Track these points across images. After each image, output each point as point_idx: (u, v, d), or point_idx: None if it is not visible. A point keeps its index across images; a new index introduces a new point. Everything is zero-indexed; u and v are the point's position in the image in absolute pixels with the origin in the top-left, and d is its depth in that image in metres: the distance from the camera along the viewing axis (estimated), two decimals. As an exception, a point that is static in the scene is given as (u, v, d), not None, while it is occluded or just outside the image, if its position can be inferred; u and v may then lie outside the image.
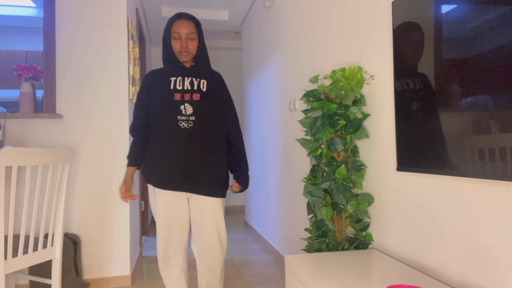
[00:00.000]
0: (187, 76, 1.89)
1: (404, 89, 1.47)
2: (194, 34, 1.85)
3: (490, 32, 1.09)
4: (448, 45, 1.24)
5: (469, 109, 1.16)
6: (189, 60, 1.88)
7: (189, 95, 1.85)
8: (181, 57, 1.86)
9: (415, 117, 1.41)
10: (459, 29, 1.20)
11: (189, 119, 1.84)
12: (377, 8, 1.76)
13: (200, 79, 1.90)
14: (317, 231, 1.83)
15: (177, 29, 1.83)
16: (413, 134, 1.42)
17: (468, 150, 1.17)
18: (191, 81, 1.88)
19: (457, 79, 1.21)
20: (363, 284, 1.28)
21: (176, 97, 1.84)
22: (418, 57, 1.39)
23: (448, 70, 1.24)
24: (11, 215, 1.69)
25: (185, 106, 1.84)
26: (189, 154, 1.83)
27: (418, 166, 1.40)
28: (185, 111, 1.84)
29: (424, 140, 1.36)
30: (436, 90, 1.30)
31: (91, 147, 2.71)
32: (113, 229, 2.74)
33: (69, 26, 2.71)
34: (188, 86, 1.87)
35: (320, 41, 2.43)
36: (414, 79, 1.42)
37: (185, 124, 1.83)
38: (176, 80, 1.87)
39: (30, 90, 2.60)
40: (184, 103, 1.84)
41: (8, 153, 1.63)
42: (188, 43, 1.84)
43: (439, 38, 1.28)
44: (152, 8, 4.27)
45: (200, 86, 1.88)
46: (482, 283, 1.21)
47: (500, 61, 1.06)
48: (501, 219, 1.14)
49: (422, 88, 1.37)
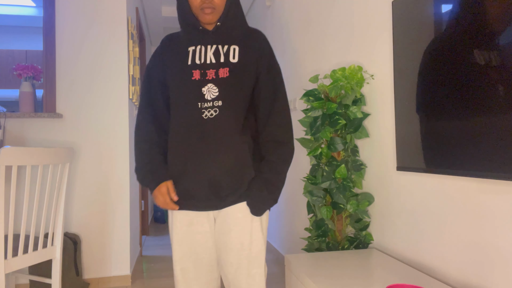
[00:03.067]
0: (210, 44, 1.32)
1: (404, 88, 1.47)
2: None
3: (490, 31, 1.09)
4: (448, 45, 1.24)
5: (469, 108, 1.16)
6: (215, 20, 1.30)
7: (213, 72, 1.29)
8: (203, 16, 1.28)
9: (415, 116, 1.41)
10: (459, 28, 1.20)
11: (214, 105, 1.27)
12: (377, 8, 1.76)
13: (230, 45, 1.32)
14: (317, 231, 1.83)
15: None
16: (413, 134, 1.42)
17: (468, 150, 1.17)
18: (216, 50, 1.31)
19: (457, 79, 1.21)
20: (363, 284, 1.28)
21: (195, 75, 1.30)
22: (418, 56, 1.39)
23: (448, 69, 1.24)
24: (11, 215, 1.69)
25: (209, 88, 1.28)
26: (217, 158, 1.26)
27: (418, 165, 1.40)
28: (209, 94, 1.28)
29: (424, 140, 1.36)
30: (436, 89, 1.29)
31: (91, 147, 2.71)
32: (113, 229, 2.74)
33: (69, 25, 2.71)
34: (212, 59, 1.30)
35: (320, 41, 2.43)
36: (414, 79, 1.42)
37: (208, 113, 1.27)
38: (196, 51, 1.32)
39: (30, 90, 2.60)
40: (207, 83, 1.28)
41: (8, 153, 1.63)
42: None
43: (439, 37, 1.28)
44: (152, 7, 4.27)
45: (230, 55, 1.31)
46: (482, 283, 1.21)
47: (501, 60, 1.06)
48: (502, 219, 1.14)
49: (422, 88, 1.37)
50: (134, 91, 3.01)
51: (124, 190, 2.75)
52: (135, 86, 3.06)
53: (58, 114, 2.57)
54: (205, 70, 1.30)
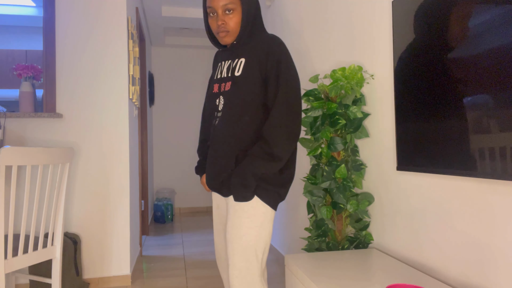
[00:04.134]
0: (226, 59, 1.48)
1: (404, 88, 1.47)
2: (233, 4, 1.36)
3: (490, 31, 1.09)
4: (448, 44, 1.24)
5: (470, 108, 1.16)
6: (231, 41, 1.43)
7: (223, 85, 1.45)
8: (221, 39, 1.41)
9: (415, 116, 1.41)
10: (459, 28, 1.20)
11: (217, 115, 1.45)
12: (377, 8, 1.76)
13: (239, 59, 1.43)
14: (317, 231, 1.83)
15: (209, 3, 1.38)
16: (413, 134, 1.42)
17: (468, 150, 1.17)
18: (229, 65, 1.46)
19: (457, 79, 1.21)
20: (363, 284, 1.28)
21: (215, 88, 1.49)
22: (418, 56, 1.39)
23: (448, 70, 1.24)
24: (11, 215, 1.69)
25: (220, 100, 1.45)
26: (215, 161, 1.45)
27: (418, 165, 1.40)
28: (220, 105, 1.45)
29: (424, 140, 1.36)
30: (437, 89, 1.29)
31: (91, 147, 2.71)
32: (113, 228, 2.74)
33: (69, 25, 2.71)
34: (225, 73, 1.46)
35: (320, 41, 2.43)
36: (414, 79, 1.42)
37: (216, 121, 1.46)
38: (218, 66, 1.52)
39: (30, 90, 2.60)
40: (220, 95, 1.45)
41: (8, 153, 1.63)
42: (226, 18, 1.37)
43: (439, 37, 1.28)
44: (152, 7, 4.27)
45: (236, 69, 1.42)
46: (482, 283, 1.21)
47: (500, 60, 1.06)
48: (502, 219, 1.14)
49: (422, 88, 1.37)
50: (134, 91, 3.01)
51: (124, 190, 2.75)
52: (135, 86, 3.06)
53: (58, 114, 2.57)
54: (221, 83, 1.46)
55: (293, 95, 1.34)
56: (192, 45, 5.78)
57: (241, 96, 1.36)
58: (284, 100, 1.33)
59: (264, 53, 1.36)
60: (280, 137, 1.31)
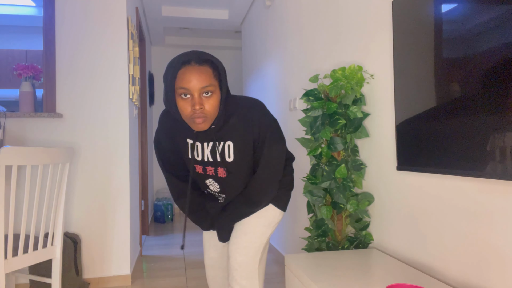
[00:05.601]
0: (207, 141, 1.32)
1: (404, 88, 1.47)
2: (212, 86, 1.17)
3: (490, 31, 1.09)
4: (448, 45, 1.24)
5: (469, 108, 1.16)
6: (207, 128, 1.23)
7: (212, 169, 1.36)
8: (195, 126, 1.21)
9: (415, 116, 1.41)
10: (459, 28, 1.20)
11: (219, 196, 1.45)
12: (377, 8, 1.76)
13: (225, 142, 1.30)
14: (317, 230, 1.83)
15: (183, 83, 1.16)
16: (413, 134, 1.42)
17: (468, 150, 1.17)
18: (212, 148, 1.32)
19: (457, 78, 1.21)
20: (363, 283, 1.28)
21: (198, 169, 1.39)
22: (418, 56, 1.39)
23: (448, 69, 1.24)
24: (11, 215, 1.69)
25: (210, 182, 1.41)
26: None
27: (418, 165, 1.40)
28: (212, 187, 1.42)
29: (424, 140, 1.36)
30: (436, 89, 1.30)
31: (91, 146, 2.71)
32: (113, 228, 2.74)
33: (69, 25, 2.70)
34: (209, 157, 1.34)
35: (320, 40, 2.43)
36: (414, 78, 1.42)
37: (220, 198, 1.47)
38: (193, 146, 1.34)
39: (30, 90, 2.60)
40: (208, 177, 1.40)
41: (8, 153, 1.63)
42: (203, 102, 1.17)
43: (439, 37, 1.28)
44: (152, 7, 4.27)
45: (225, 154, 1.32)
46: (482, 283, 1.21)
47: (500, 60, 1.06)
48: (501, 219, 1.14)
49: (422, 87, 1.37)
50: (134, 91, 3.01)
51: (124, 190, 2.75)
52: (135, 86, 3.06)
53: (58, 114, 2.57)
54: (205, 166, 1.37)
55: (276, 157, 1.34)
56: (192, 45, 5.78)
57: (241, 177, 1.37)
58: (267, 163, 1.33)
59: (250, 129, 1.29)
60: (264, 196, 1.38)
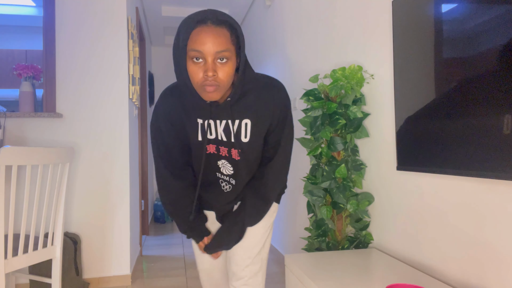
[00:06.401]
0: (220, 119, 1.19)
1: (404, 88, 1.47)
2: (228, 52, 1.04)
3: (490, 31, 1.09)
4: (448, 45, 1.24)
5: (469, 108, 1.16)
6: (219, 98, 1.09)
7: (225, 150, 1.24)
8: (205, 94, 1.07)
9: (415, 116, 1.41)
10: (459, 28, 1.20)
11: (230, 182, 1.31)
12: (377, 8, 1.76)
13: (241, 120, 1.19)
14: (317, 230, 1.83)
15: (197, 45, 1.03)
16: (413, 133, 1.42)
17: (468, 149, 1.17)
18: (226, 126, 1.20)
19: (457, 78, 1.21)
20: (363, 283, 1.28)
21: (210, 149, 1.25)
22: (418, 56, 1.39)
23: (448, 69, 1.24)
24: (11, 215, 1.69)
25: (223, 163, 1.27)
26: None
27: (418, 165, 1.40)
28: (224, 169, 1.28)
29: (424, 139, 1.36)
30: (436, 89, 1.29)
31: (91, 146, 2.71)
32: (113, 228, 2.74)
33: (69, 25, 2.70)
34: (223, 136, 1.22)
35: (320, 40, 2.43)
36: (414, 78, 1.42)
37: (227, 185, 1.32)
38: (205, 125, 1.20)
39: (30, 90, 2.60)
40: (221, 158, 1.26)
41: (8, 153, 1.63)
42: (217, 68, 1.04)
43: (439, 37, 1.28)
44: (152, 7, 4.27)
45: (241, 134, 1.20)
46: (482, 283, 1.21)
47: (501, 60, 1.06)
48: (502, 218, 1.14)
49: (422, 87, 1.37)
50: (134, 91, 3.01)
51: (124, 190, 2.75)
52: (135, 86, 3.06)
53: (58, 114, 2.57)
54: (219, 145, 1.24)
55: (290, 143, 1.28)
56: (192, 45, 5.77)
57: (253, 162, 1.27)
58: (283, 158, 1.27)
59: (271, 109, 1.19)
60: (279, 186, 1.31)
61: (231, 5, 4.36)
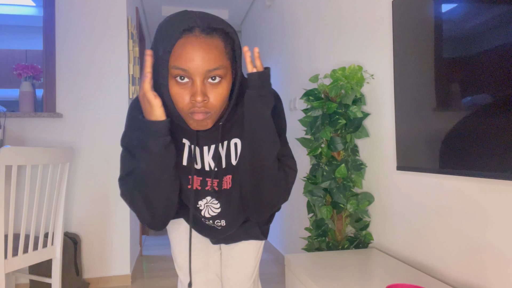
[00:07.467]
0: (208, 145, 0.99)
1: (404, 88, 1.47)
2: (222, 69, 0.82)
3: (490, 31, 1.08)
4: (448, 45, 1.24)
5: (469, 108, 1.16)
6: (210, 127, 0.88)
7: (216, 182, 1.02)
8: (192, 122, 0.86)
9: (415, 116, 1.41)
10: (459, 28, 1.20)
11: (216, 224, 1.10)
12: (377, 8, 1.76)
13: (230, 140, 0.99)
14: (317, 230, 1.83)
15: (181, 62, 0.80)
16: (413, 133, 1.42)
17: (468, 149, 1.17)
18: (215, 151, 0.99)
19: (457, 78, 1.21)
20: (363, 283, 1.28)
21: (195, 184, 1.02)
22: (418, 56, 1.39)
23: (448, 69, 1.24)
24: (11, 215, 1.69)
25: (207, 204, 1.05)
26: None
27: (418, 165, 1.40)
28: (207, 210, 1.06)
29: (424, 140, 1.36)
30: (436, 89, 1.29)
31: (91, 146, 2.71)
32: (113, 228, 2.74)
33: (69, 25, 2.70)
34: (211, 164, 1.00)
35: (320, 40, 2.43)
36: (414, 78, 1.42)
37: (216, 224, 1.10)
38: (191, 149, 0.99)
39: (30, 89, 2.60)
40: (204, 196, 1.03)
41: (8, 153, 1.63)
42: (208, 91, 0.83)
43: (439, 37, 1.28)
44: (152, 7, 4.27)
45: (231, 156, 1.00)
46: (482, 283, 1.21)
47: (500, 60, 1.06)
48: (502, 219, 1.14)
49: (422, 87, 1.37)
50: (134, 91, 3.01)
51: (124, 190, 2.75)
52: (135, 86, 3.06)
53: (58, 113, 2.57)
54: (205, 178, 1.01)
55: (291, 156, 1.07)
56: (192, 45, 5.77)
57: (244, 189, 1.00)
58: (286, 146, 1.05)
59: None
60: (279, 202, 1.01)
61: (231, 5, 4.36)
